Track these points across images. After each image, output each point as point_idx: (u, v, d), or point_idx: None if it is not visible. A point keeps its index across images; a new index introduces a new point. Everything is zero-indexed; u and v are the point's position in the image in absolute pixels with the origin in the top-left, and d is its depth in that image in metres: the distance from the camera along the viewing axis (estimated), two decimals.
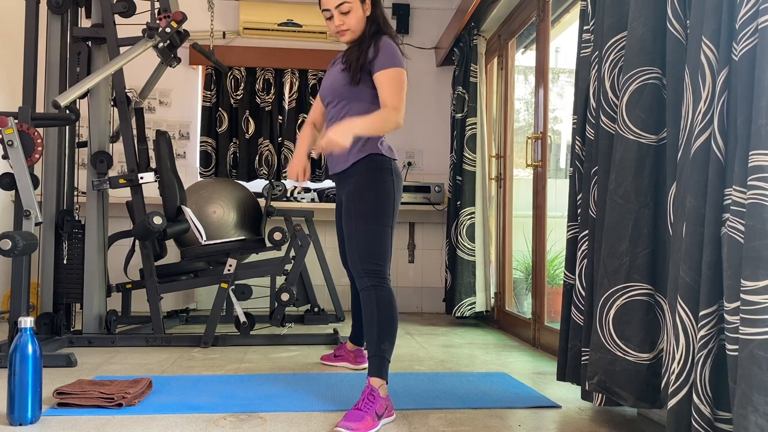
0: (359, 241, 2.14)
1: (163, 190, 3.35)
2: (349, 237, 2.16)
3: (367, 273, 2.12)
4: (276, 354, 3.05)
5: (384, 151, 2.24)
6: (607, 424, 1.99)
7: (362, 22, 2.28)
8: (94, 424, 1.89)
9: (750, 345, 1.26)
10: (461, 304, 3.99)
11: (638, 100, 1.76)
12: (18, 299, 2.70)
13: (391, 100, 2.14)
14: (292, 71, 4.81)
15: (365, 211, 2.15)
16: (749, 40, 1.35)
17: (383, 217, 2.16)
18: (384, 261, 2.15)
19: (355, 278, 2.16)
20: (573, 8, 3.49)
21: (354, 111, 2.26)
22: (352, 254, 2.15)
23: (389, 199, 2.19)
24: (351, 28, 2.27)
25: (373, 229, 2.14)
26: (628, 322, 1.75)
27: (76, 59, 3.23)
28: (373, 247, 2.13)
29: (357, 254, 2.14)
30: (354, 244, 2.15)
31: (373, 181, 2.18)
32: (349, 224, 2.17)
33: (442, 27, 4.86)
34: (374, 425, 1.87)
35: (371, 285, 2.11)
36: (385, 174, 2.20)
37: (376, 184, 2.18)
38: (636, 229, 1.74)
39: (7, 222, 4.23)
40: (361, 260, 2.13)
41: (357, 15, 2.25)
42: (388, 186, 2.20)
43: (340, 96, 2.30)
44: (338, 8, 2.25)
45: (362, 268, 2.12)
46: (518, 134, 4.10)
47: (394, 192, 2.22)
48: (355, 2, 2.24)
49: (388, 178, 2.21)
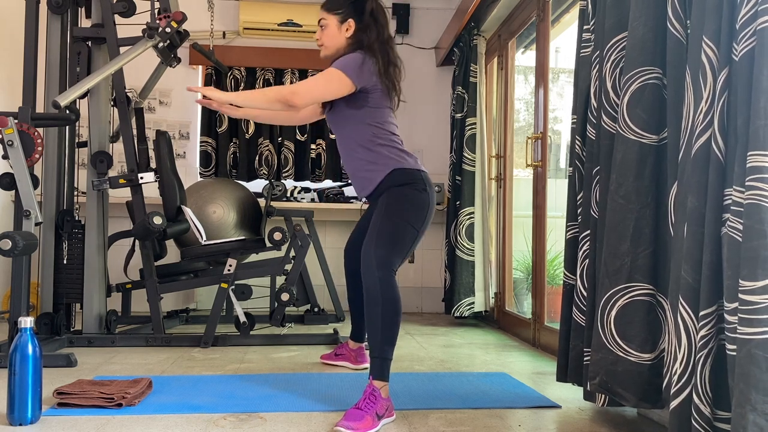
0: (382, 229, 2.13)
1: (163, 190, 3.35)
2: (373, 225, 2.17)
3: (377, 263, 2.07)
4: (276, 354, 3.05)
5: (408, 165, 2.26)
6: (607, 424, 1.99)
7: (336, 40, 2.35)
8: (94, 424, 1.89)
9: (748, 345, 1.26)
10: (460, 304, 3.99)
11: (639, 100, 1.76)
12: (18, 299, 2.70)
13: (300, 86, 2.19)
14: (292, 71, 4.81)
15: (397, 209, 2.17)
16: (749, 40, 1.35)
17: (413, 220, 2.18)
18: (397, 256, 2.13)
19: (362, 268, 2.10)
20: (573, 8, 3.49)
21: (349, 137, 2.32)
22: (370, 240, 2.12)
23: (423, 209, 2.21)
24: (325, 44, 2.38)
25: (400, 224, 2.15)
26: (629, 322, 1.75)
27: (76, 59, 3.23)
28: (393, 239, 2.13)
29: (375, 240, 2.11)
30: (375, 232, 2.13)
31: (405, 194, 2.20)
32: (377, 215, 2.19)
33: (442, 27, 4.86)
34: (374, 425, 1.87)
35: (378, 276, 2.05)
36: (415, 185, 2.22)
37: (407, 196, 2.20)
38: (637, 229, 1.74)
39: (7, 222, 4.23)
40: (377, 246, 2.09)
41: (330, 33, 2.35)
42: (421, 197, 2.21)
43: (333, 126, 2.40)
44: (319, 23, 2.39)
45: (375, 256, 2.08)
46: (518, 134, 4.10)
47: (429, 202, 2.23)
48: (331, 20, 2.35)
49: (420, 189, 2.22)
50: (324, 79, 2.20)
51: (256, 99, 2.23)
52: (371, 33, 2.30)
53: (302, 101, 2.16)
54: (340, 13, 2.34)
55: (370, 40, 2.29)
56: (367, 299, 2.07)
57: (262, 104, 2.22)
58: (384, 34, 2.33)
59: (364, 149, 2.28)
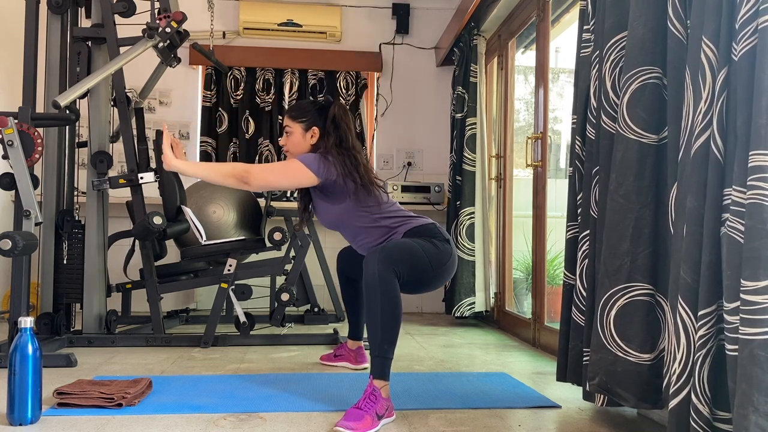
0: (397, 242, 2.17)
1: (163, 190, 3.35)
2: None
3: (381, 259, 2.03)
4: (276, 354, 3.05)
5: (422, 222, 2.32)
6: (607, 424, 1.99)
7: (301, 147, 2.43)
8: (94, 424, 1.89)
9: (750, 345, 1.26)
10: (461, 304, 3.99)
11: (639, 100, 1.76)
12: (18, 299, 2.70)
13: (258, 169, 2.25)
14: (292, 71, 4.81)
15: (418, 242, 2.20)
16: (749, 40, 1.35)
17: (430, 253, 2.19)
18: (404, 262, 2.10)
19: (365, 265, 2.05)
20: (573, 8, 3.49)
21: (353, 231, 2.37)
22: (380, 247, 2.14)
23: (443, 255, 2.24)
24: (290, 150, 2.46)
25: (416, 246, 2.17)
26: (629, 322, 1.74)
27: (76, 59, 3.23)
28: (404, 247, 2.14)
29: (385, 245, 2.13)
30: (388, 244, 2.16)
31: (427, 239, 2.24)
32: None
33: (442, 27, 4.86)
34: (374, 425, 1.87)
35: (380, 274, 2.01)
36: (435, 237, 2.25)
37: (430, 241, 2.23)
38: (637, 229, 1.74)
39: (7, 222, 4.23)
40: (385, 246, 2.10)
41: (295, 140, 2.43)
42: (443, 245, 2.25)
43: (331, 226, 2.45)
44: (284, 129, 2.48)
45: (380, 252, 2.06)
46: (518, 134, 4.10)
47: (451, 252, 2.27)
48: (296, 127, 2.43)
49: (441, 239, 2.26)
50: (282, 167, 2.28)
51: (211, 173, 2.26)
52: (330, 139, 2.37)
53: (256, 182, 2.21)
54: (305, 121, 2.43)
55: (328, 144, 2.35)
56: (368, 296, 2.03)
57: (215, 178, 2.25)
58: (347, 140, 2.37)
59: (371, 228, 2.33)
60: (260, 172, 2.23)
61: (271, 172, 2.27)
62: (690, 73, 1.54)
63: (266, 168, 2.28)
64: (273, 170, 2.28)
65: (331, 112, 2.41)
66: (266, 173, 2.25)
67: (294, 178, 2.25)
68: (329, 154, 2.31)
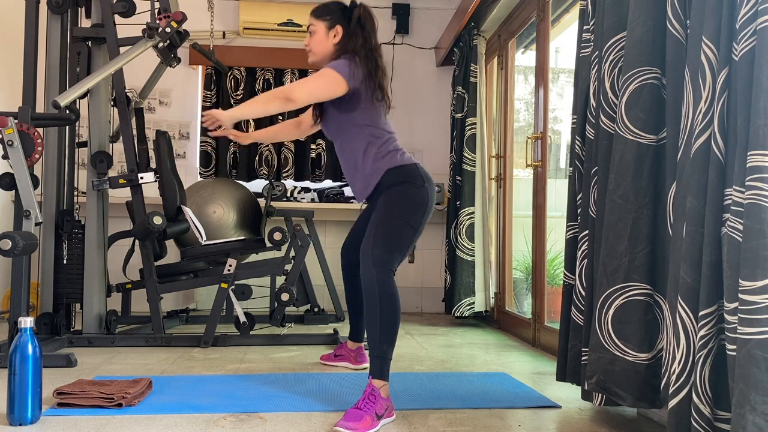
0: (379, 229, 2.15)
1: (163, 190, 3.35)
2: (371, 223, 2.18)
3: (375, 262, 2.08)
4: (276, 354, 3.05)
5: (404, 161, 2.29)
6: (607, 424, 1.99)
7: (324, 46, 2.39)
8: (94, 424, 1.89)
9: (748, 345, 1.26)
10: (460, 304, 3.99)
11: (638, 100, 1.76)
12: (18, 299, 2.70)
13: (296, 83, 2.22)
14: (292, 71, 4.81)
15: (395, 208, 2.19)
16: (749, 40, 1.35)
17: (411, 219, 2.19)
18: (396, 255, 2.15)
19: (361, 267, 2.12)
20: (573, 8, 3.49)
21: (348, 143, 2.35)
22: (368, 240, 2.14)
23: (420, 207, 2.22)
24: (312, 50, 2.43)
25: (398, 224, 2.17)
26: (627, 322, 1.75)
27: (76, 59, 3.23)
28: (391, 238, 2.14)
29: (373, 240, 2.12)
30: (374, 231, 2.15)
31: (403, 192, 2.22)
32: (376, 214, 2.20)
33: (442, 27, 4.86)
34: (374, 425, 1.87)
35: (377, 276, 2.07)
36: (413, 182, 2.24)
37: (406, 194, 2.22)
38: (635, 228, 1.74)
39: (7, 222, 4.23)
40: (375, 246, 2.11)
41: (318, 39, 2.40)
42: (420, 193, 2.23)
43: (330, 134, 2.43)
44: (308, 29, 2.44)
45: (373, 255, 2.09)
46: (518, 134, 4.10)
47: (427, 198, 2.25)
48: (320, 26, 2.39)
49: (419, 185, 2.24)
50: (317, 76, 2.23)
51: (255, 104, 2.24)
52: (357, 39, 2.33)
53: (299, 96, 2.17)
54: (329, 19, 2.39)
55: (356, 46, 2.32)
56: (366, 298, 2.08)
57: (260, 108, 2.23)
58: (371, 41, 2.35)
59: (362, 152, 2.31)
60: (300, 86, 2.20)
61: (309, 82, 2.23)
62: (690, 73, 1.54)
63: (303, 81, 2.23)
64: (310, 81, 2.24)
65: (356, 13, 2.37)
66: (306, 85, 2.21)
67: (332, 89, 2.22)
68: (357, 55, 2.29)
